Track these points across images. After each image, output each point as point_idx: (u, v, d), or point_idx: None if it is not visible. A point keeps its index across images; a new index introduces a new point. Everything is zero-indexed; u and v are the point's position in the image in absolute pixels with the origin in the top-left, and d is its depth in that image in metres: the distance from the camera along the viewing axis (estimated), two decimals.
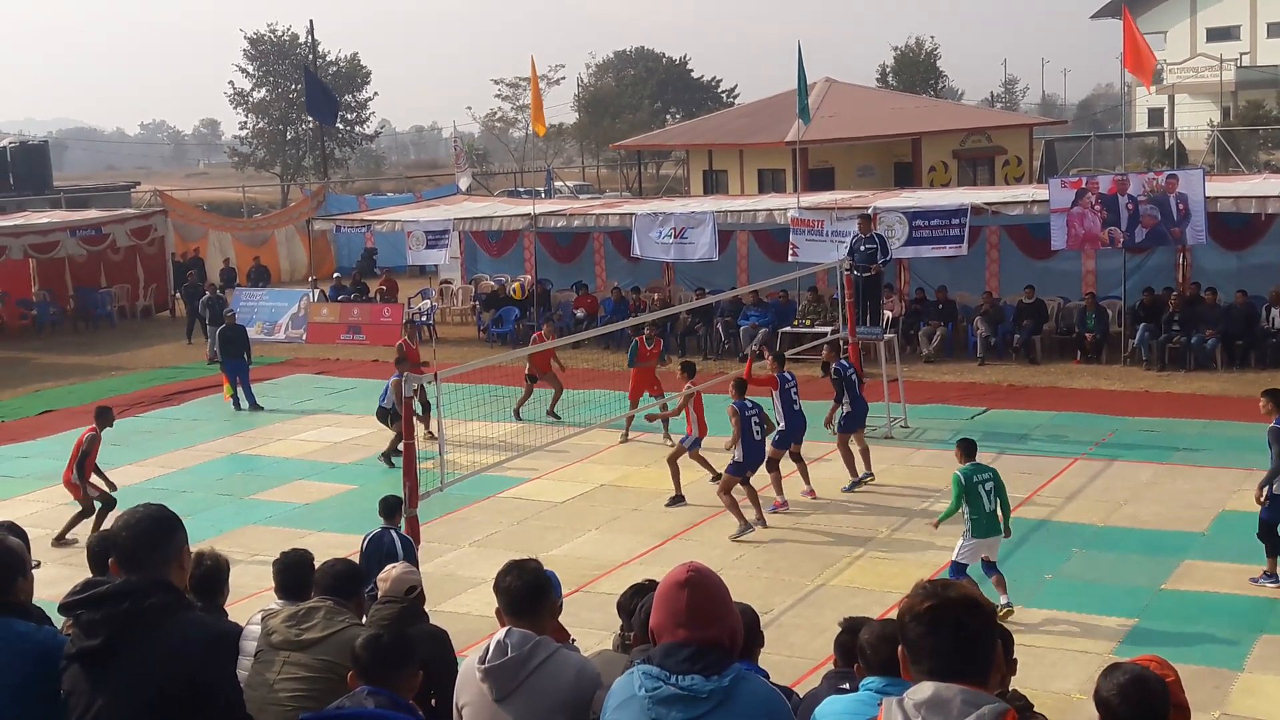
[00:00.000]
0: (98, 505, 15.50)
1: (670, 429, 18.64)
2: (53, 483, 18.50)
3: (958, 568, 12.04)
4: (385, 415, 18.67)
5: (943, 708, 3.23)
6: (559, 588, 6.44)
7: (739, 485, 14.93)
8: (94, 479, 15.76)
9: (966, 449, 12.42)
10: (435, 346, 25.19)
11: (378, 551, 10.61)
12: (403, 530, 11.28)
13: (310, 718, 4.88)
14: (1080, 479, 16.48)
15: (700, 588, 3.97)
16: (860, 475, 16.67)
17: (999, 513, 12.09)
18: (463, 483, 13.39)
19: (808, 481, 16.23)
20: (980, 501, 11.97)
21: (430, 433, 19.12)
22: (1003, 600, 11.85)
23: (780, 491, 15.78)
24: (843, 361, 17.38)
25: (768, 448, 15.34)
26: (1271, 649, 11.20)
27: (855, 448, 16.76)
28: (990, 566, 12.12)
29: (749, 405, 15.04)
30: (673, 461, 16.22)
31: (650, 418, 18.50)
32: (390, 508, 11.33)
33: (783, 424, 15.81)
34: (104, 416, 16.23)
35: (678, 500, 16.11)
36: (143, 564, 4.42)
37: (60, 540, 15.45)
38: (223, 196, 61.33)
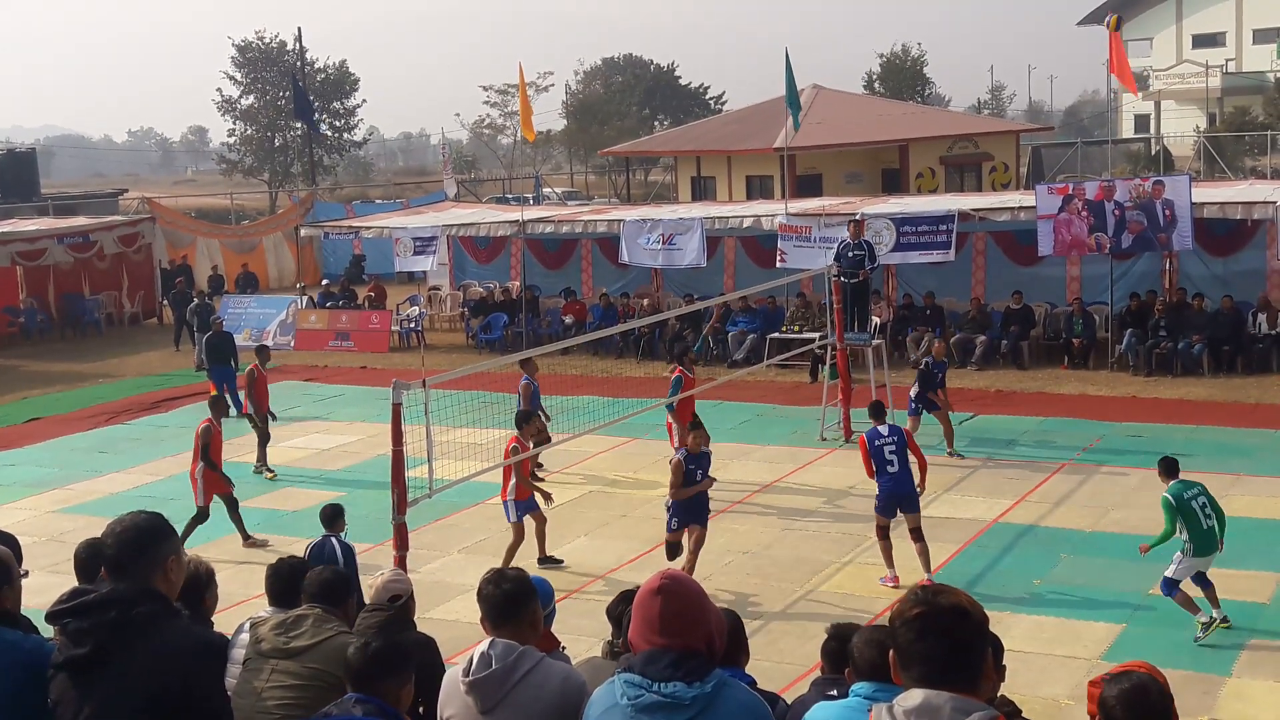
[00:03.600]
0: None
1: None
2: (39, 490, 18.48)
3: (1170, 583, 11.46)
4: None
5: (933, 714, 3.24)
6: (550, 595, 6.44)
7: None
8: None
9: (1168, 467, 11.77)
10: (424, 353, 25.17)
11: (319, 559, 10.61)
12: (345, 538, 11.34)
13: None
14: (1068, 484, 16.51)
15: (676, 595, 3.97)
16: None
17: (1216, 527, 11.48)
18: (452, 489, 13.38)
19: (927, 569, 13.14)
20: (1197, 518, 11.36)
21: (260, 466, 18.77)
22: (1215, 613, 11.50)
23: (890, 564, 13.34)
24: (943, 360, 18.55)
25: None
26: (1259, 654, 11.23)
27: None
28: (1204, 579, 11.61)
29: None
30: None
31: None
32: (330, 516, 11.44)
33: (879, 489, 13.40)
34: (217, 406, 16.04)
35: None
36: (129, 572, 4.41)
37: (249, 540, 15.44)
38: (211, 203, 61.21)
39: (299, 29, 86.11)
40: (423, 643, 6.80)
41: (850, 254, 19.77)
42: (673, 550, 13.13)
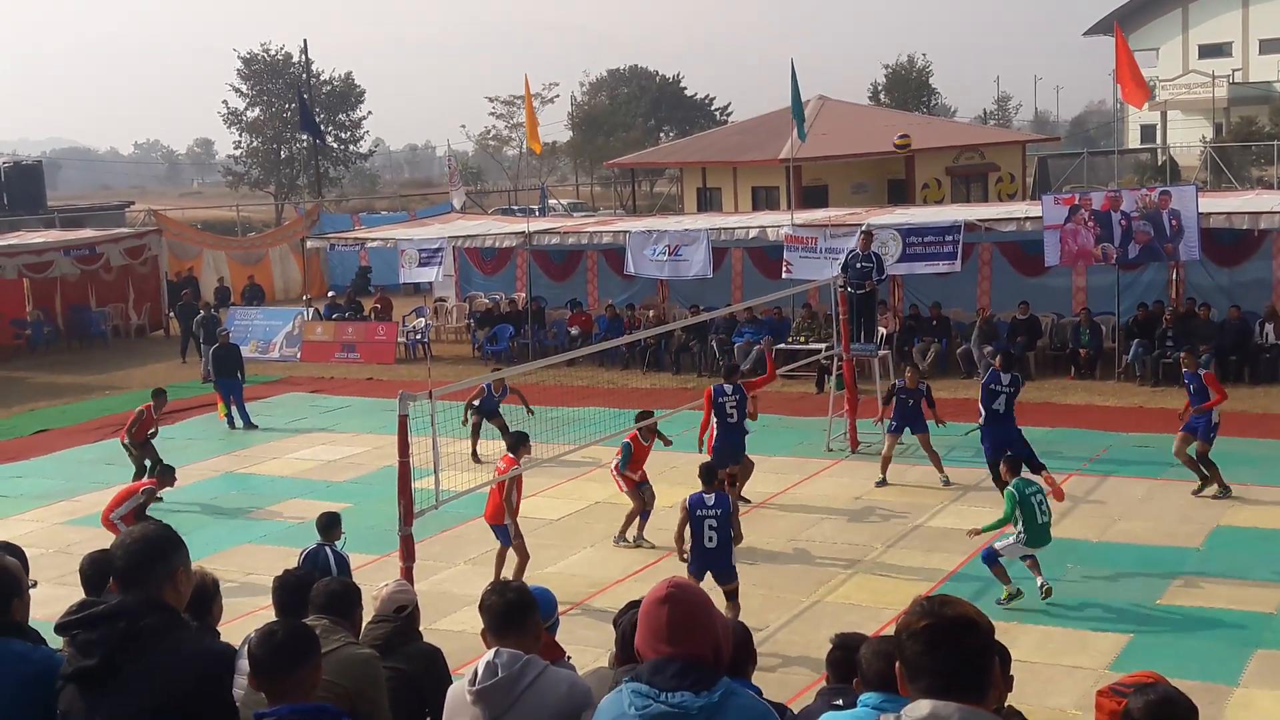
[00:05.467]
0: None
1: None
2: (46, 502, 18.51)
3: (993, 555, 12.69)
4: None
5: None
6: (554, 606, 6.44)
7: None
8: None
9: (1013, 465, 13.21)
10: (430, 364, 25.19)
11: (314, 567, 10.63)
12: (340, 547, 11.34)
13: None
14: (1075, 495, 16.46)
15: (681, 603, 3.97)
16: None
17: (1049, 523, 12.82)
18: (458, 500, 13.38)
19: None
20: (1034, 513, 12.61)
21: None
22: (1041, 580, 12.64)
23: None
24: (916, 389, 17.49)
25: None
26: (1267, 664, 11.20)
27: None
28: (1033, 560, 12.83)
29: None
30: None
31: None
32: (325, 525, 11.45)
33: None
34: (166, 475, 15.94)
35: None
36: (138, 584, 4.42)
37: None
38: (217, 215, 61.34)
39: (305, 41, 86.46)
40: (429, 653, 6.81)
41: (858, 265, 19.78)
42: None
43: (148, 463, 18.38)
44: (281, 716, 4.42)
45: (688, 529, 12.08)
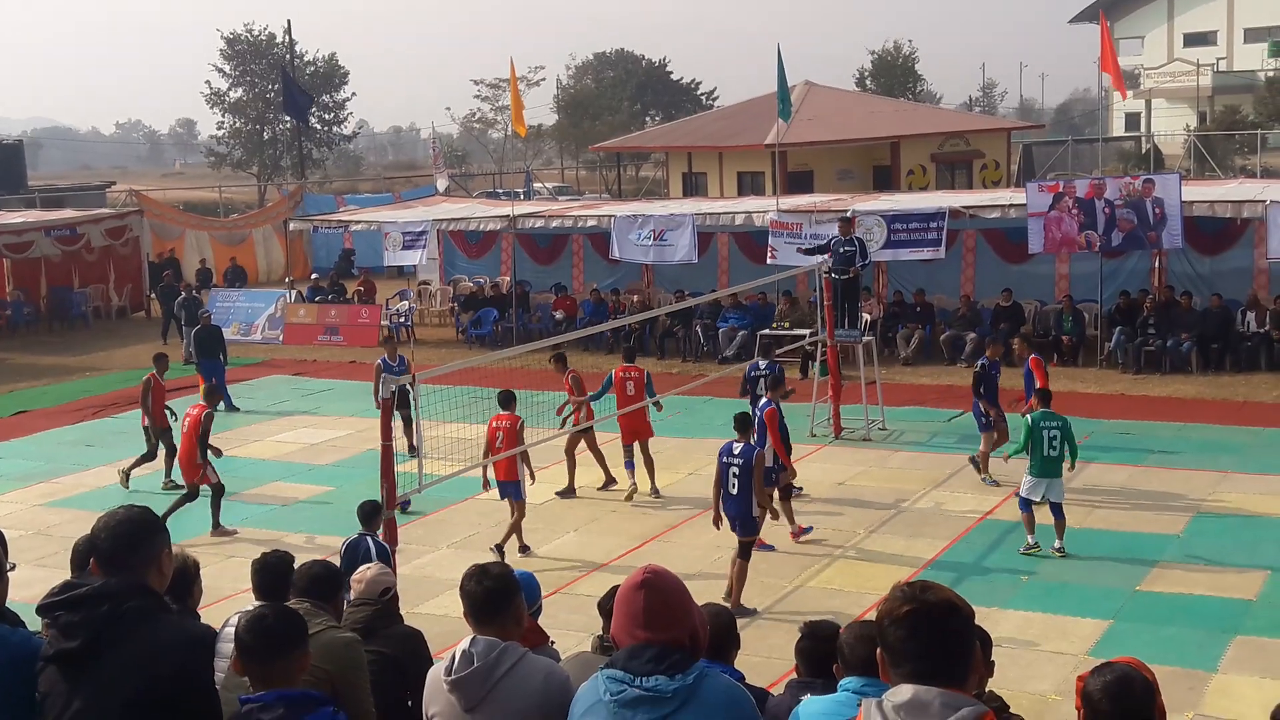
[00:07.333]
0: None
1: None
2: (26, 483, 18.44)
3: (1023, 501, 13.76)
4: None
5: (922, 710, 3.24)
6: (538, 591, 6.43)
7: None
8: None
9: (1044, 398, 14.12)
10: (414, 348, 25.14)
11: (354, 557, 10.55)
12: (379, 536, 11.21)
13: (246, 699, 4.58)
14: None
15: (658, 590, 3.97)
16: None
17: (1057, 457, 13.63)
18: (441, 485, 13.37)
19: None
20: (1042, 446, 13.52)
21: (168, 481, 18.21)
22: (1056, 544, 13.59)
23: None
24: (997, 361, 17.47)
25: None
26: (1245, 650, 11.26)
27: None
28: (1056, 509, 13.66)
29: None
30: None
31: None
32: (368, 514, 11.19)
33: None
34: (212, 396, 16.83)
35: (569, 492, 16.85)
36: (121, 566, 4.40)
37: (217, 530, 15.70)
38: (199, 196, 61.03)
39: (289, 21, 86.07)
40: (411, 636, 6.80)
41: (841, 250, 19.77)
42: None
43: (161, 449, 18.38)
44: (268, 703, 4.39)
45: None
